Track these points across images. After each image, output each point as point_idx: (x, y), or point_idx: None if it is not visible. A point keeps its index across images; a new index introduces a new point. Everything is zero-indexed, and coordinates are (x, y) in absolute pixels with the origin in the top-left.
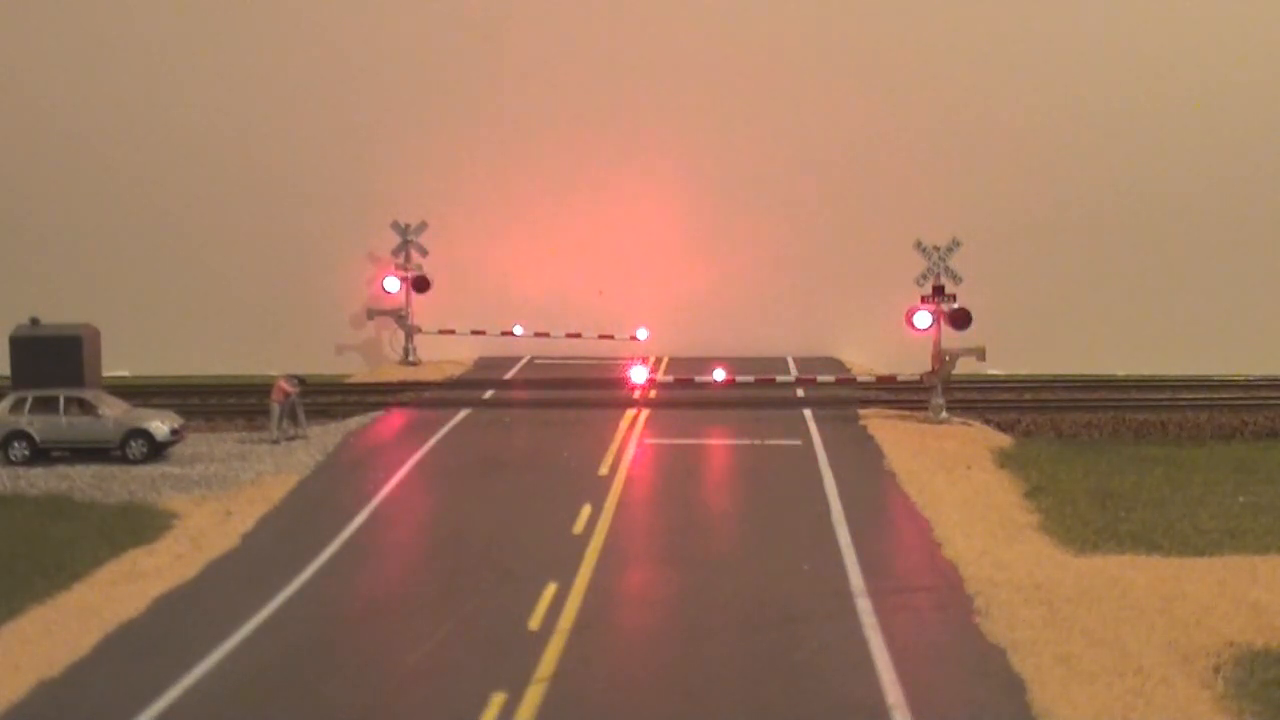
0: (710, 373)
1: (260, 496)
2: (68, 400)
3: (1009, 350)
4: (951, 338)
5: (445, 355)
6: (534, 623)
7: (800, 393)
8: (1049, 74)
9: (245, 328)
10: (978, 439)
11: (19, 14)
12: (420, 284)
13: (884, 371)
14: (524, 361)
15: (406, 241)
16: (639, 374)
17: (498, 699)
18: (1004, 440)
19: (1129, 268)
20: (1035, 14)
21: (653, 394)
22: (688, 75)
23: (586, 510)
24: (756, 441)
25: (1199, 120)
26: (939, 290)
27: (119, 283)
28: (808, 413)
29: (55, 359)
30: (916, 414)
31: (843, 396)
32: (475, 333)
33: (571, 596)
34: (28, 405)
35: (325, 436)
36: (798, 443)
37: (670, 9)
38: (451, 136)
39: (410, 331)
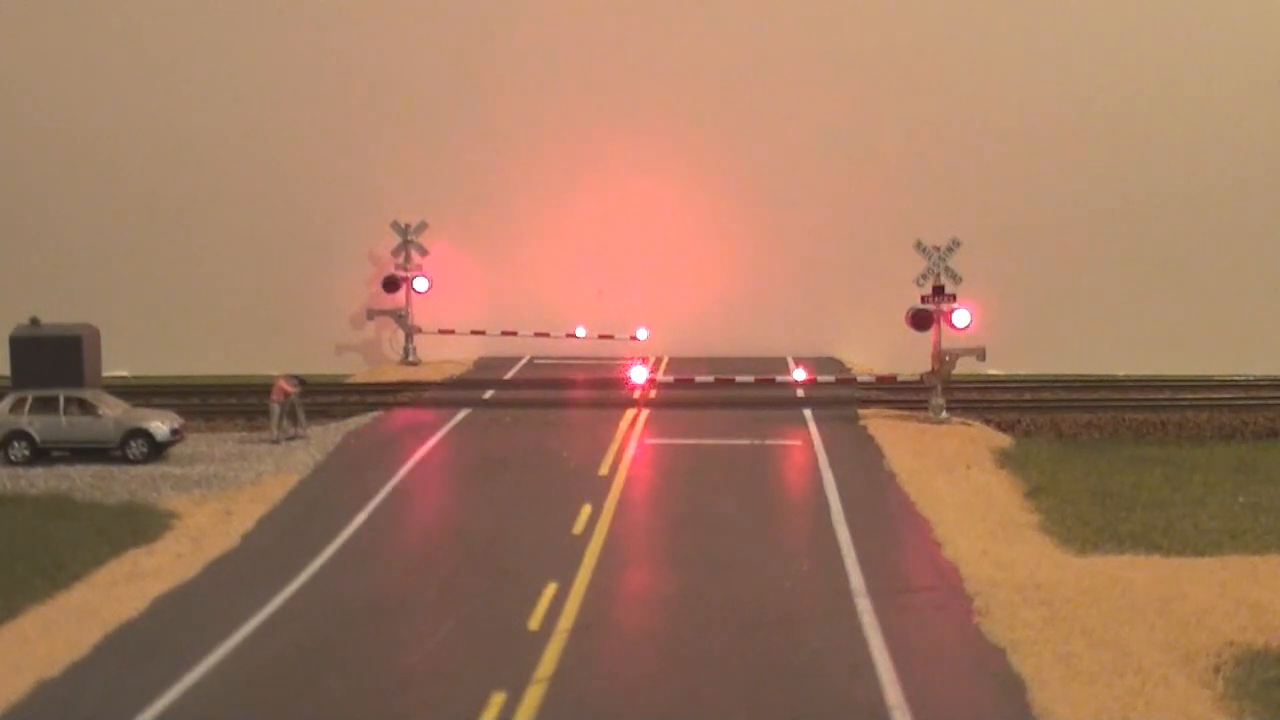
0: (709, 373)
1: (260, 496)
2: (68, 400)
3: (1009, 350)
4: (952, 338)
5: (445, 355)
6: (534, 623)
7: (800, 393)
8: (1049, 74)
9: (245, 328)
10: (978, 439)
11: (19, 14)
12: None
13: (884, 371)
14: (524, 361)
15: (406, 241)
16: (639, 374)
17: (498, 699)
18: (1004, 440)
19: (1129, 268)
20: (1036, 14)
21: (653, 394)
22: (688, 75)
23: (586, 510)
24: (756, 441)
25: (1199, 120)
26: (939, 290)
27: (119, 283)
28: (808, 413)
29: (55, 359)
30: (916, 414)
31: (843, 396)
32: (475, 333)
33: (571, 597)
34: (28, 405)
35: (325, 436)
36: (798, 443)
37: (670, 9)
38: (451, 136)
39: (410, 331)
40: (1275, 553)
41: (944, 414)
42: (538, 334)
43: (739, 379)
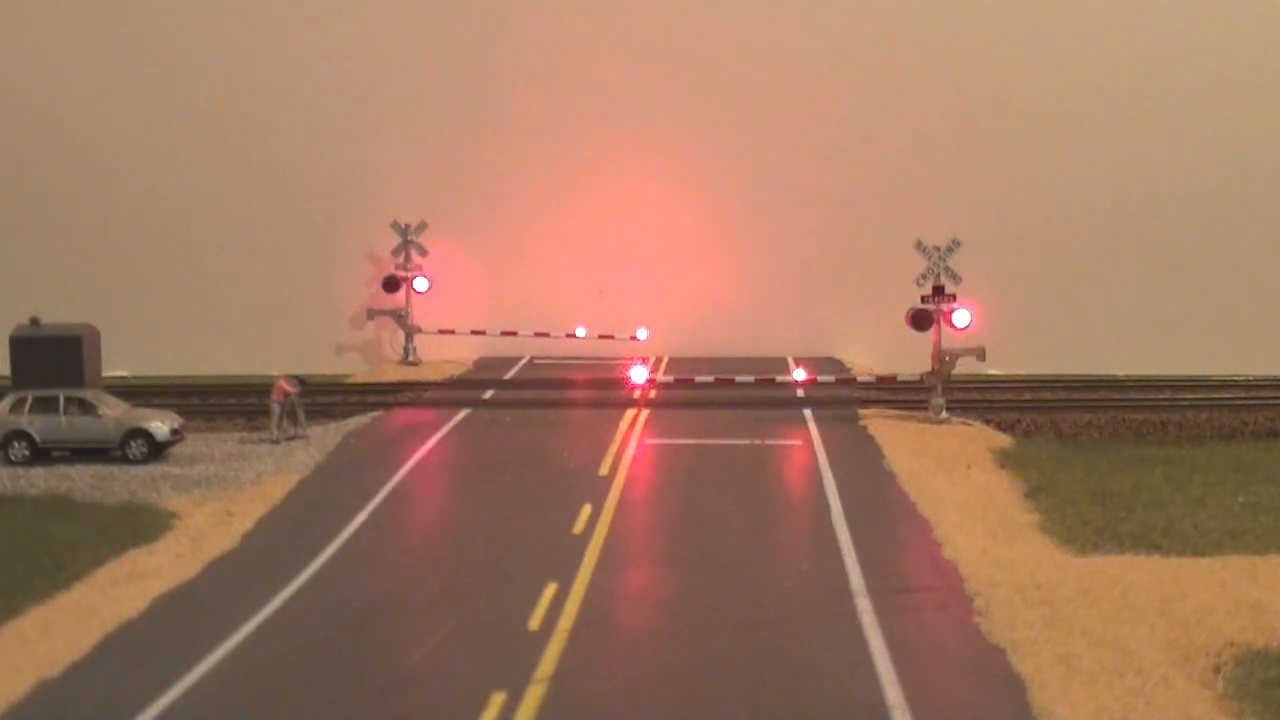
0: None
1: (260, 496)
2: (68, 400)
3: (1009, 350)
4: (952, 338)
5: (445, 355)
6: (534, 623)
7: (800, 393)
8: (1049, 74)
9: (245, 328)
10: (978, 439)
11: (19, 14)
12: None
13: (884, 371)
14: (524, 361)
15: (406, 241)
16: (639, 374)
17: (498, 699)
18: (1004, 440)
19: (1129, 268)
20: (1036, 14)
21: (653, 394)
22: (688, 75)
23: (586, 510)
24: (756, 441)
25: (1199, 120)
26: (939, 290)
27: (119, 283)
28: (808, 413)
29: (55, 359)
30: (916, 414)
31: (843, 396)
32: (475, 333)
33: (571, 596)
34: (28, 405)
35: (325, 436)
36: (798, 443)
37: (670, 9)
38: (451, 136)
39: (410, 331)
40: (1275, 553)
41: (944, 414)
42: (538, 334)
43: (739, 379)
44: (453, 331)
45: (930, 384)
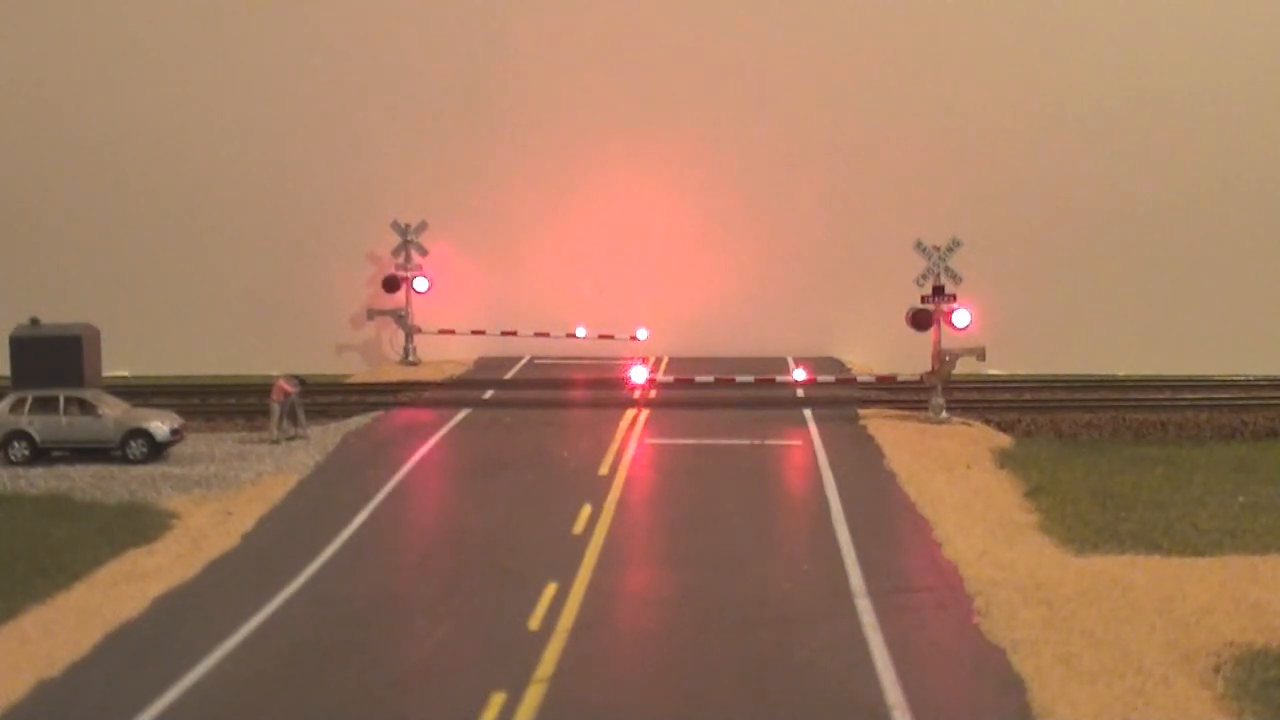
0: (709, 373)
1: (260, 496)
2: (68, 400)
3: (1009, 350)
4: (952, 338)
5: (445, 355)
6: (534, 623)
7: (800, 393)
8: (1049, 74)
9: (245, 328)
10: (978, 439)
11: (20, 14)
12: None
13: (884, 371)
14: (524, 361)
15: (406, 241)
16: (639, 374)
17: (498, 699)
18: (1004, 440)
19: (1129, 268)
20: (1035, 14)
21: (653, 394)
22: (688, 75)
23: (586, 510)
24: (756, 441)
25: (1199, 120)
26: (939, 290)
27: (119, 283)
28: (808, 413)
29: (55, 359)
30: (916, 414)
31: (843, 396)
32: (475, 333)
33: (571, 596)
34: (28, 405)
35: (325, 436)
36: (798, 443)
37: (670, 9)
38: (451, 136)
39: (410, 331)
40: (1275, 553)
41: (944, 414)
42: (538, 334)
43: (739, 379)
44: (453, 331)
45: (930, 384)
